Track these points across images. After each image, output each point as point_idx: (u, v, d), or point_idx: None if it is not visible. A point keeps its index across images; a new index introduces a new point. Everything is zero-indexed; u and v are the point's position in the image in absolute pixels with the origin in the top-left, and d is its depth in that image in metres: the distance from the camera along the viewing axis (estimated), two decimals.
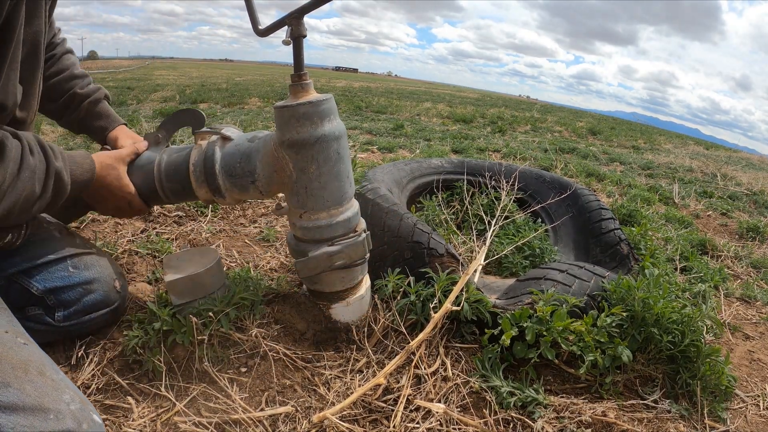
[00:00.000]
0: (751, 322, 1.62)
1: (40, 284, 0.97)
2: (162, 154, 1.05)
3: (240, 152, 0.99)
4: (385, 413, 0.91)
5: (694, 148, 8.98)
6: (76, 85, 1.15)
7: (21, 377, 0.63)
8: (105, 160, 0.99)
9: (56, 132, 3.88)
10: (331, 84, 18.56)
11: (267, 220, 1.96)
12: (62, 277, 0.99)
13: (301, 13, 0.91)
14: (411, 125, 6.36)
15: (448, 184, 2.15)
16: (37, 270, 0.98)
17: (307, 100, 0.92)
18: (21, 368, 0.65)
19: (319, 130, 0.93)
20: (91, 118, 1.17)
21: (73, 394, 0.68)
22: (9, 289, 0.95)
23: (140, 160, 1.06)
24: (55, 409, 0.62)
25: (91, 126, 1.18)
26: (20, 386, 0.62)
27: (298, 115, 0.92)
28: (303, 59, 0.95)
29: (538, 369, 1.08)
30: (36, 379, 0.65)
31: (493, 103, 16.41)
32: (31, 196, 0.78)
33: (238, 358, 1.00)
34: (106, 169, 0.98)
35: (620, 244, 1.57)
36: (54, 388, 0.66)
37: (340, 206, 1.00)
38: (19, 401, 0.60)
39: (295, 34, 0.92)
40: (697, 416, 1.02)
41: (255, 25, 0.99)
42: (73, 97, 1.14)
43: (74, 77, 1.15)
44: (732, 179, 4.72)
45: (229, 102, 7.91)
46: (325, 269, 1.00)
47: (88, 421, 0.65)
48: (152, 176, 1.03)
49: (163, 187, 1.04)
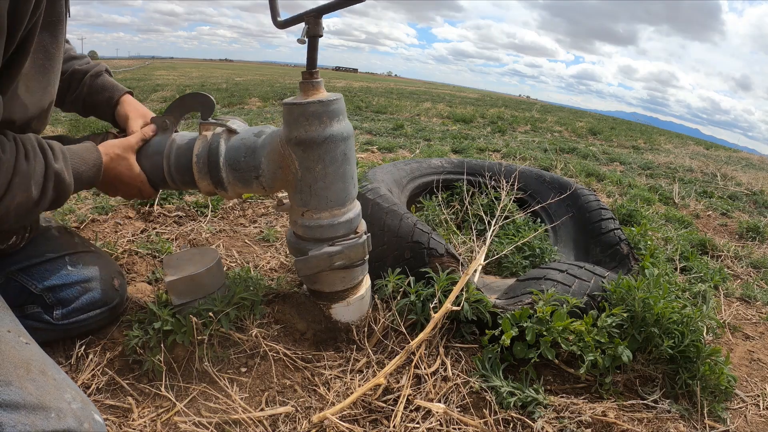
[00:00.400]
0: (751, 322, 1.62)
1: (38, 282, 0.97)
2: (171, 143, 1.03)
3: (246, 146, 0.98)
4: (385, 413, 0.91)
5: (694, 148, 8.98)
6: (75, 63, 1.13)
7: (23, 376, 0.63)
8: (114, 150, 0.98)
9: (57, 132, 3.89)
10: (331, 84, 18.55)
11: (267, 220, 1.96)
12: (61, 275, 1.00)
13: (320, 13, 0.91)
14: (411, 125, 6.36)
15: (448, 184, 2.15)
16: (35, 268, 0.98)
17: (317, 98, 0.92)
18: (23, 367, 0.65)
19: (328, 130, 0.93)
20: (95, 93, 1.14)
21: (75, 394, 0.68)
22: (7, 287, 0.96)
23: (149, 147, 1.04)
24: (56, 408, 0.62)
25: (95, 100, 1.14)
26: (22, 385, 0.62)
27: (308, 114, 0.91)
28: (316, 58, 0.95)
29: (538, 369, 1.08)
30: (38, 377, 0.65)
31: (493, 103, 16.41)
32: (25, 201, 0.77)
33: (238, 358, 1.00)
34: (116, 160, 0.97)
35: (620, 244, 1.57)
36: (56, 387, 0.66)
37: (343, 207, 1.00)
38: (21, 399, 0.60)
39: (311, 32, 0.92)
40: (697, 416, 1.02)
41: (275, 17, 0.99)
42: (73, 74, 1.12)
43: (72, 58, 1.13)
44: (732, 179, 4.72)
45: (229, 102, 7.91)
46: (324, 269, 1.00)
47: (89, 420, 0.66)
48: (161, 165, 1.02)
49: (173, 176, 1.03)
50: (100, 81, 1.14)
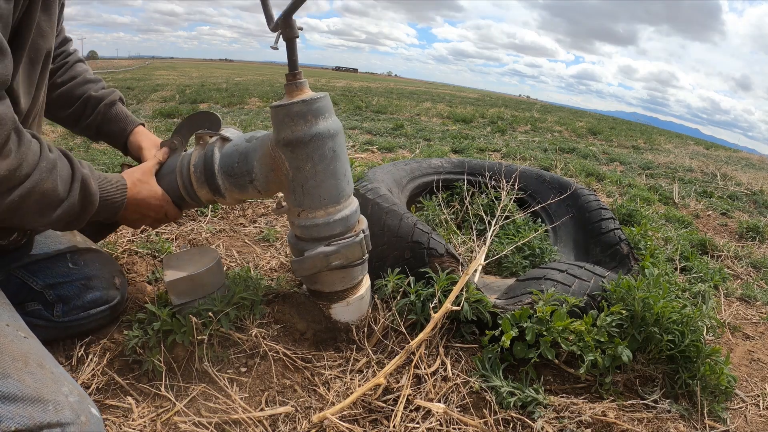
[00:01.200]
0: (751, 322, 1.62)
1: (39, 279, 0.98)
2: (182, 160, 1.07)
3: (238, 152, 1.01)
4: (385, 413, 0.91)
5: (694, 148, 8.98)
6: (90, 88, 1.14)
7: (21, 368, 0.64)
8: (134, 175, 0.99)
9: (56, 132, 3.88)
10: (331, 84, 18.56)
11: (267, 220, 1.96)
12: (62, 272, 1.00)
13: (287, 16, 0.91)
14: (411, 125, 6.36)
15: (448, 184, 2.15)
16: (37, 265, 0.99)
17: (301, 98, 0.93)
18: (21, 360, 0.65)
19: (314, 128, 0.93)
20: (109, 122, 1.16)
21: (72, 387, 0.68)
22: (8, 284, 0.96)
23: (163, 169, 1.08)
24: (53, 401, 0.63)
25: (109, 130, 1.17)
26: (20, 377, 0.62)
27: (292, 114, 0.92)
28: (297, 59, 0.96)
29: (538, 369, 1.08)
30: (36, 370, 0.65)
31: (493, 103, 16.41)
32: (51, 192, 0.74)
33: (238, 358, 1.00)
34: (138, 185, 0.98)
35: (620, 243, 1.57)
36: (53, 380, 0.66)
37: (338, 204, 1.00)
38: (18, 392, 0.60)
39: (286, 35, 0.93)
40: (697, 416, 1.02)
41: (269, 21, 1.00)
42: (88, 100, 1.13)
43: (87, 81, 1.15)
44: (732, 179, 4.72)
45: (229, 102, 7.90)
46: (321, 269, 1.01)
47: (86, 413, 0.66)
48: (176, 184, 1.05)
49: (188, 191, 1.06)
50: (114, 111, 1.17)
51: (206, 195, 1.05)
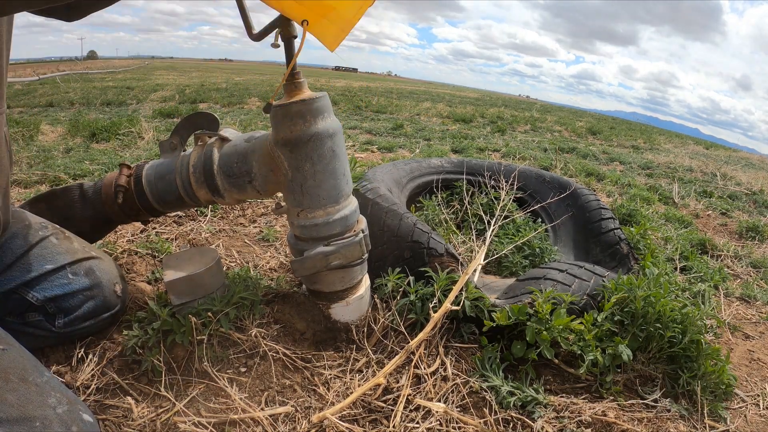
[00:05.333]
0: (751, 321, 1.62)
1: (39, 294, 0.96)
2: (181, 161, 1.06)
3: (237, 152, 1.00)
4: (384, 413, 0.91)
5: (693, 148, 8.97)
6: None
7: (1, 387, 0.61)
8: None
9: (56, 132, 3.88)
10: (331, 84, 18.55)
11: (266, 219, 1.96)
12: (62, 285, 0.98)
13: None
14: (411, 125, 6.36)
15: (447, 184, 2.15)
16: (36, 281, 0.96)
17: (300, 98, 0.93)
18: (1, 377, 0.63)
19: (312, 128, 0.93)
20: None
21: (60, 396, 0.66)
22: (8, 299, 0.94)
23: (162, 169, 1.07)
24: (41, 416, 0.61)
25: None
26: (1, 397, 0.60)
27: (291, 114, 0.92)
28: (296, 59, 0.96)
29: (537, 368, 1.08)
30: (18, 387, 0.63)
31: (492, 103, 16.40)
32: None
33: (238, 358, 1.00)
34: None
35: (620, 243, 1.57)
36: (38, 393, 0.64)
37: (337, 204, 1.00)
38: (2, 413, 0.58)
39: (285, 35, 0.93)
40: (697, 416, 1.02)
41: (249, 30, 1.00)
42: None
43: None
44: (732, 179, 4.72)
45: (229, 102, 7.90)
46: (321, 269, 1.00)
47: (77, 422, 0.64)
48: (175, 184, 1.05)
49: (187, 192, 1.06)
50: None
51: (205, 195, 1.04)
